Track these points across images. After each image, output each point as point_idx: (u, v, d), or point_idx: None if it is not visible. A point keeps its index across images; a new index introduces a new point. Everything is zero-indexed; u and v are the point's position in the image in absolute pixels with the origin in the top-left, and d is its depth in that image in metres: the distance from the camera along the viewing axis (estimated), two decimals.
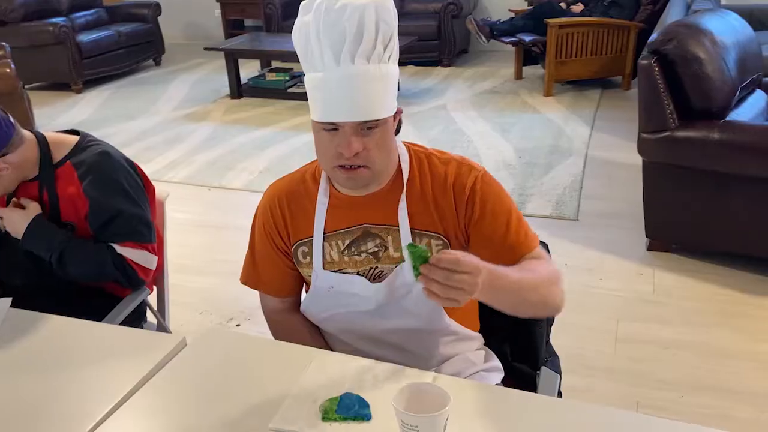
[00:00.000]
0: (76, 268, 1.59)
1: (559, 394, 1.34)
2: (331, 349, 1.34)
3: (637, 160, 2.85)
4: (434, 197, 1.25)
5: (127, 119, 5.21)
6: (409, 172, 1.25)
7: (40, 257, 1.61)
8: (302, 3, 1.13)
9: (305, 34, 1.11)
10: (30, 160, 1.60)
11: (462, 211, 1.23)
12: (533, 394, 1.13)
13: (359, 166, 1.16)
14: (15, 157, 1.56)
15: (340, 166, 1.16)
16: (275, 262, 1.35)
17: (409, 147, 1.29)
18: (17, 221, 1.59)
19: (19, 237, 1.59)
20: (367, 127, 1.13)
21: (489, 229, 1.23)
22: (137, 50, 6.65)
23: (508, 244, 1.23)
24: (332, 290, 1.29)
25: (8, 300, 1.45)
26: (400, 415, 0.93)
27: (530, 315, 1.30)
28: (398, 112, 1.19)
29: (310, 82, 1.14)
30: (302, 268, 1.33)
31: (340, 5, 1.08)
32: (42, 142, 1.64)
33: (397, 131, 1.23)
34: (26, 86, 4.94)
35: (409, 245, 1.01)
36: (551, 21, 5.02)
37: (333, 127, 1.13)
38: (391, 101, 1.15)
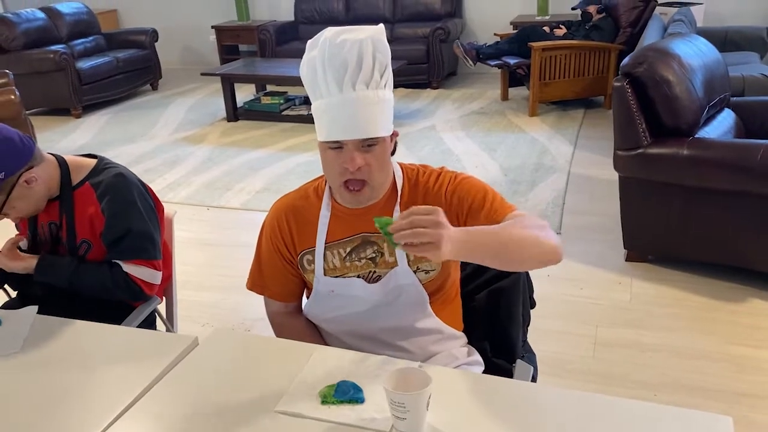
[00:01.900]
0: (87, 291, 1.74)
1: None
2: None
3: (616, 175, 3.02)
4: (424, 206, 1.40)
5: (126, 143, 5.37)
6: (402, 187, 1.42)
7: None
8: (308, 41, 1.31)
9: (312, 67, 1.28)
10: (54, 178, 1.73)
11: (456, 214, 1.38)
12: (509, 379, 1.28)
13: (361, 183, 1.32)
14: (41, 171, 1.69)
15: (346, 183, 1.32)
16: (280, 271, 1.50)
17: (402, 166, 1.46)
18: (27, 262, 1.74)
19: (27, 270, 1.74)
20: (368, 144, 1.29)
21: (473, 211, 1.37)
22: (135, 75, 6.84)
23: (485, 212, 1.35)
24: (333, 293, 1.45)
25: (35, 308, 1.59)
26: (389, 394, 1.07)
27: (531, 262, 1.25)
28: (394, 134, 1.36)
29: (317, 109, 1.31)
30: (307, 274, 1.48)
31: (341, 40, 1.25)
32: (62, 163, 1.78)
33: (393, 152, 1.39)
34: (27, 112, 5.09)
35: (375, 219, 1.12)
36: (535, 44, 5.23)
37: (338, 146, 1.29)
38: (387, 123, 1.31)
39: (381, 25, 1.31)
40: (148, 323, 1.89)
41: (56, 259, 1.74)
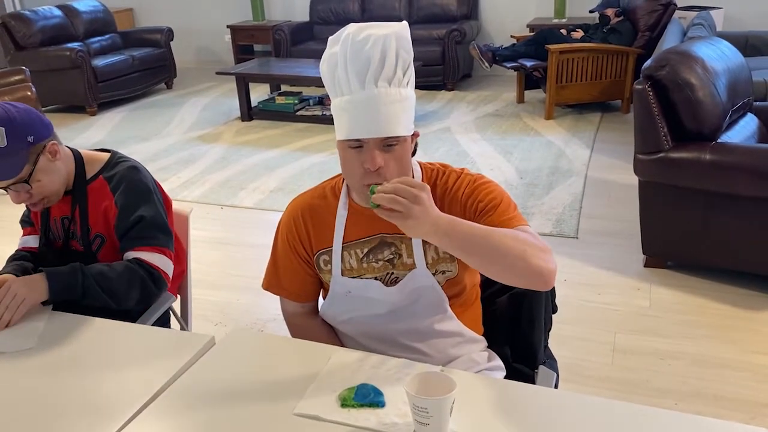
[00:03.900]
0: (108, 281, 1.60)
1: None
2: None
3: (635, 180, 2.98)
4: (444, 208, 1.36)
5: (140, 140, 5.38)
6: None
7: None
8: (330, 37, 1.28)
9: (333, 63, 1.25)
10: (71, 170, 1.73)
11: (468, 216, 1.35)
12: (533, 385, 1.25)
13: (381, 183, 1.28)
14: (63, 150, 1.69)
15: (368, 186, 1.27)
16: (297, 271, 1.47)
17: (422, 165, 1.43)
18: (30, 287, 1.53)
19: (44, 294, 1.55)
20: (388, 144, 1.25)
21: (483, 213, 1.33)
22: (150, 74, 6.85)
23: (495, 217, 1.31)
24: (350, 295, 1.41)
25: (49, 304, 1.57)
26: (411, 399, 1.04)
27: (512, 276, 1.22)
28: (415, 134, 1.33)
29: (336, 106, 1.27)
30: (323, 275, 1.45)
31: (364, 36, 1.22)
32: (77, 156, 1.77)
33: (414, 152, 1.36)
34: (43, 108, 5.11)
35: (372, 186, 1.15)
36: (552, 47, 5.18)
37: (358, 145, 1.25)
38: (409, 122, 1.28)
39: (405, 22, 1.28)
40: (163, 322, 1.87)
41: (56, 268, 1.60)
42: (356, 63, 1.22)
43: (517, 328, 1.53)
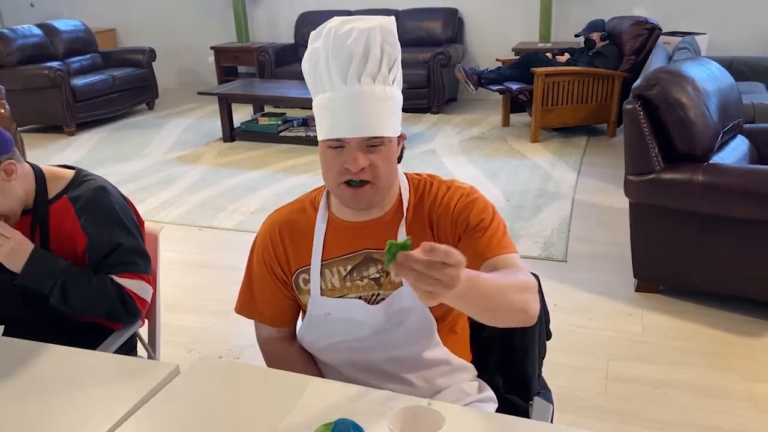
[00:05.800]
0: (78, 297, 1.55)
1: None
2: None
3: (623, 203, 2.90)
4: (432, 220, 1.28)
5: (119, 161, 5.25)
6: (408, 201, 1.29)
7: (30, 290, 1.58)
8: (312, 32, 1.20)
9: (315, 58, 1.17)
10: (30, 189, 1.61)
11: (456, 231, 1.27)
12: (528, 420, 1.14)
13: (364, 183, 1.19)
14: (20, 170, 1.57)
15: (346, 183, 1.19)
16: (273, 292, 1.36)
17: (408, 176, 1.34)
18: (11, 255, 1.53)
19: (18, 267, 1.53)
20: (372, 144, 1.17)
21: (473, 232, 1.25)
22: (131, 94, 6.74)
23: (484, 240, 1.23)
24: (329, 317, 1.30)
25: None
26: None
27: (506, 321, 1.17)
28: (402, 137, 1.24)
29: (318, 104, 1.19)
30: (302, 296, 1.34)
31: (346, 29, 1.14)
32: (39, 174, 1.65)
33: (400, 159, 1.27)
34: (19, 128, 4.97)
35: (390, 241, 0.92)
36: (538, 70, 5.16)
37: (339, 145, 1.17)
38: (395, 123, 1.19)
39: (391, 17, 1.21)
40: (128, 349, 1.75)
41: (50, 253, 1.58)
42: (338, 58, 1.14)
43: (509, 355, 1.43)
